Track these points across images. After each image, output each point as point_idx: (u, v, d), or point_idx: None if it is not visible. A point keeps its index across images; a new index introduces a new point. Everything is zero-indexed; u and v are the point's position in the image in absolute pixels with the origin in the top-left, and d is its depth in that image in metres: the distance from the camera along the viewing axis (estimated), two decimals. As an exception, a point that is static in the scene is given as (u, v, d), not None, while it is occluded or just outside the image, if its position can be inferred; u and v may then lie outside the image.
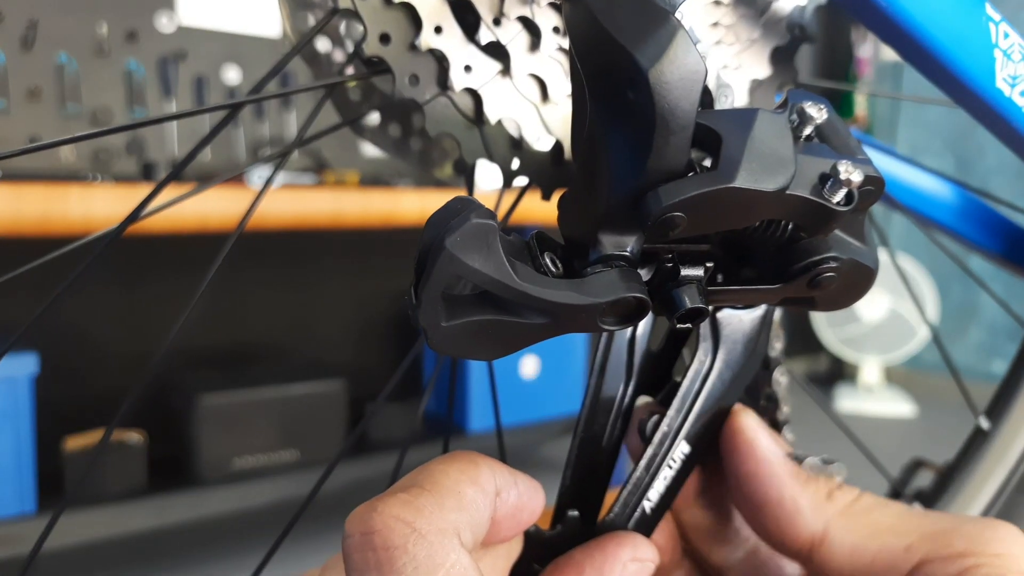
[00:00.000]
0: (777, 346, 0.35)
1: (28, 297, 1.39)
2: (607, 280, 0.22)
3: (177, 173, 0.31)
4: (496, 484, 0.23)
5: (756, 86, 0.34)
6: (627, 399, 0.30)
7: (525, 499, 0.24)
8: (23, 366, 1.42)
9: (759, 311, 0.30)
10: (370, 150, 2.02)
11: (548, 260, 0.22)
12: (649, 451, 0.29)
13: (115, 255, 1.65)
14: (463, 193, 0.24)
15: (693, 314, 0.23)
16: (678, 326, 0.24)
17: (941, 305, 3.00)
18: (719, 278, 0.25)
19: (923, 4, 0.32)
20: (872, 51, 3.32)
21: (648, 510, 0.29)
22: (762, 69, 0.34)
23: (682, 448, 0.29)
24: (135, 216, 0.32)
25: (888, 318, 2.93)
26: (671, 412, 0.29)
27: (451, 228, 0.20)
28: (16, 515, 1.44)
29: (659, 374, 0.31)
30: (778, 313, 0.33)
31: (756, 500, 0.28)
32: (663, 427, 0.29)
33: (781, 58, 0.35)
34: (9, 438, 1.43)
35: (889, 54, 3.16)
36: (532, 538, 0.27)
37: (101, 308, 1.77)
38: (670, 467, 0.29)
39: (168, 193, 0.33)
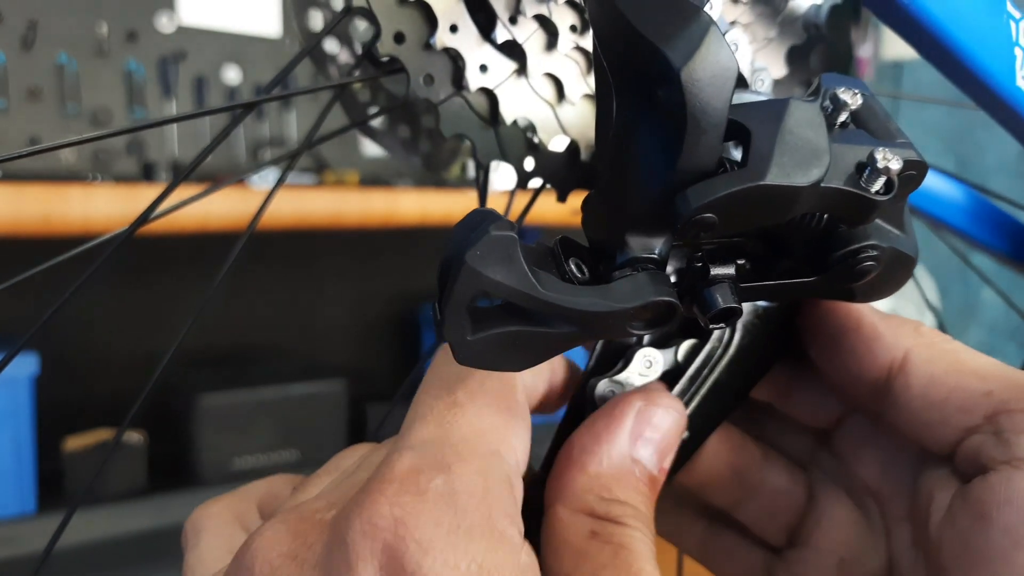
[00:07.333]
0: None
1: (30, 298, 1.38)
2: (635, 284, 0.21)
3: (187, 175, 0.30)
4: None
5: (773, 85, 0.34)
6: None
7: None
8: (23, 366, 1.41)
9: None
10: (370, 150, 2.01)
11: (573, 266, 0.22)
12: None
13: (116, 255, 1.65)
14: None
15: (726, 314, 0.23)
16: (711, 326, 0.23)
17: (941, 305, 2.99)
18: (752, 272, 0.25)
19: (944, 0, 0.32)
20: (872, 51, 3.32)
21: None
22: (779, 68, 0.34)
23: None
24: (143, 220, 0.31)
25: (888, 318, 2.92)
26: (674, 393, 0.28)
27: (471, 242, 0.19)
28: (16, 515, 1.44)
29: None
30: None
31: (835, 331, 0.27)
32: None
33: (797, 57, 0.34)
34: (9, 438, 1.42)
35: (889, 54, 3.16)
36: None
37: (102, 308, 1.76)
38: None
39: (172, 195, 0.33)
